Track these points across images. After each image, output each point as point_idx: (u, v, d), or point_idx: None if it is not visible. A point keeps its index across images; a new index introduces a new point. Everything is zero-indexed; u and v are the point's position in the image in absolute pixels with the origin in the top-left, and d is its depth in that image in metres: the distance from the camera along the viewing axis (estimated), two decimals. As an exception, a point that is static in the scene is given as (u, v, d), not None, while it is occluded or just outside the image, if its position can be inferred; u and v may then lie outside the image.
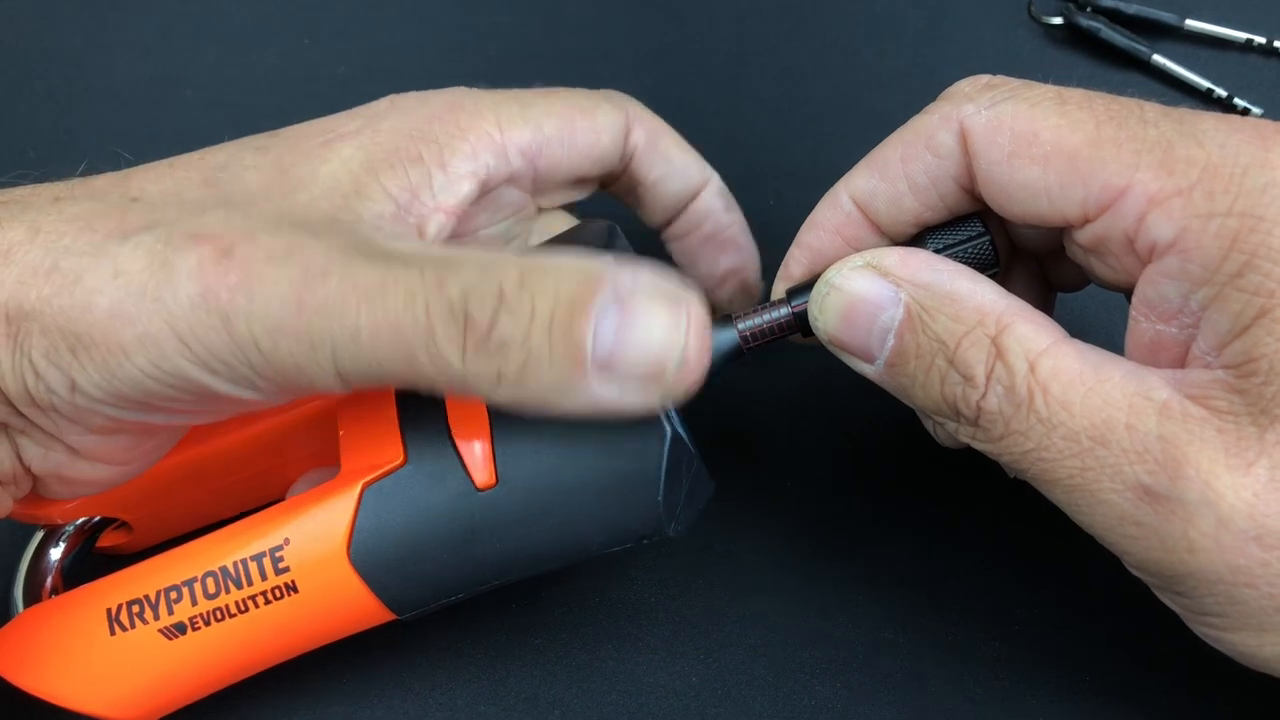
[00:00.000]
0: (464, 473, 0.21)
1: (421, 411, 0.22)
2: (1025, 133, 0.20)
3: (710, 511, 0.25)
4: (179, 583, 0.21)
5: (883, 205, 0.23)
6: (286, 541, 0.21)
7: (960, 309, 0.20)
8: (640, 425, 0.20)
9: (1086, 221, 0.20)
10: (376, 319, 0.18)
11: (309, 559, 0.21)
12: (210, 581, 0.21)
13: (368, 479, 0.21)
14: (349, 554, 0.21)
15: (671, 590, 0.26)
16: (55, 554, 0.24)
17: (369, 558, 0.21)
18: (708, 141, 0.33)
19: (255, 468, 0.25)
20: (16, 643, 0.22)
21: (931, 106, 0.22)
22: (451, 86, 0.34)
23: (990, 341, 0.19)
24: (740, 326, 0.23)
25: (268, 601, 0.21)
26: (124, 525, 0.25)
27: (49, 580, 0.24)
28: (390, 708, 0.25)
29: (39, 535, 0.24)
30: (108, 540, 0.26)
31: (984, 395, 0.19)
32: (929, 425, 0.23)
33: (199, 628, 0.21)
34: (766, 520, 0.27)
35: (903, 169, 0.22)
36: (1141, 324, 0.20)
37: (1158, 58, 0.35)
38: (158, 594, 0.21)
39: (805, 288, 0.23)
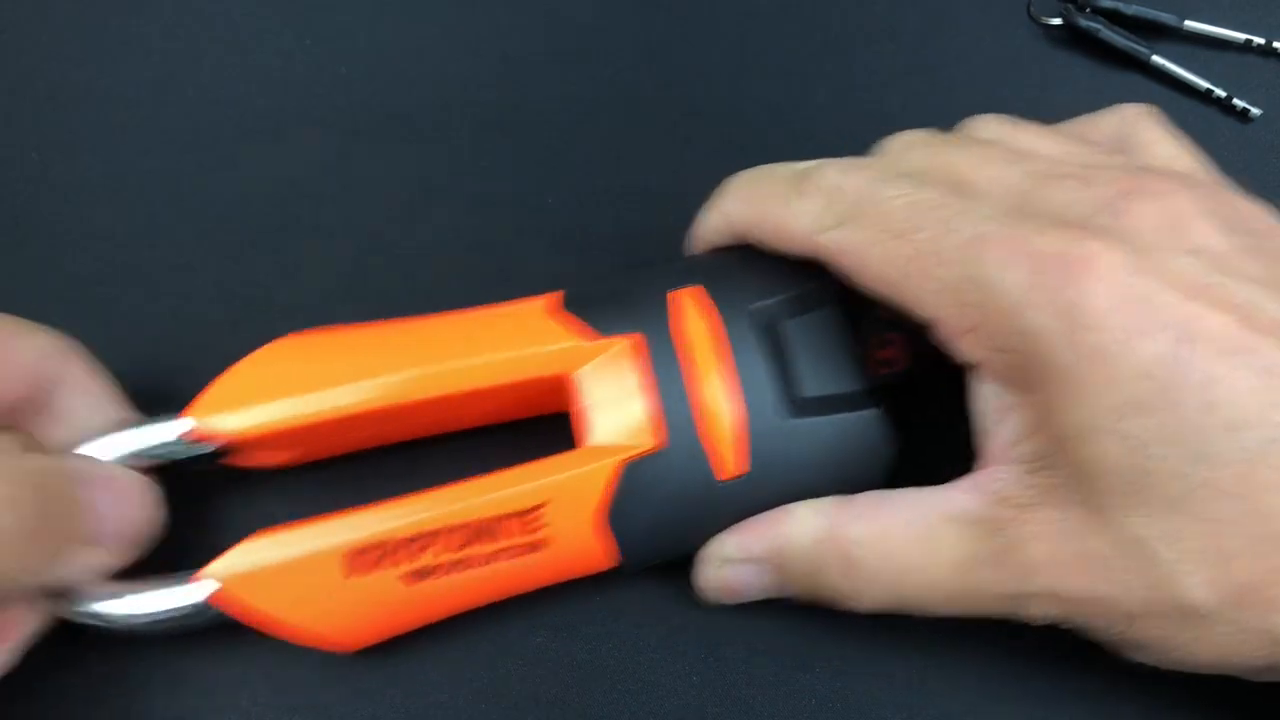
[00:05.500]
0: (715, 461, 0.23)
1: (677, 396, 0.24)
2: (857, 264, 0.22)
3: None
4: (425, 532, 0.23)
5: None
6: (544, 504, 0.23)
7: (803, 551, 0.23)
8: (872, 440, 0.24)
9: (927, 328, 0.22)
10: None
11: (565, 521, 0.23)
12: (460, 534, 0.23)
13: (626, 455, 0.23)
14: (602, 522, 0.23)
15: (672, 590, 0.26)
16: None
17: (618, 527, 0.23)
18: (707, 143, 0.33)
19: (452, 414, 0.26)
20: (244, 568, 0.23)
21: (787, 212, 0.24)
22: (451, 92, 0.34)
23: (839, 559, 0.23)
24: None
25: (514, 556, 0.23)
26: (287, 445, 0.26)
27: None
28: (391, 706, 0.25)
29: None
30: (258, 459, 0.26)
31: (866, 599, 0.23)
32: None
33: (440, 576, 0.23)
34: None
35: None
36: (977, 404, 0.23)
37: (1157, 58, 0.35)
38: (402, 541, 0.23)
39: None
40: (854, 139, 0.27)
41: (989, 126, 0.25)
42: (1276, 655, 0.20)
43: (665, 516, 0.23)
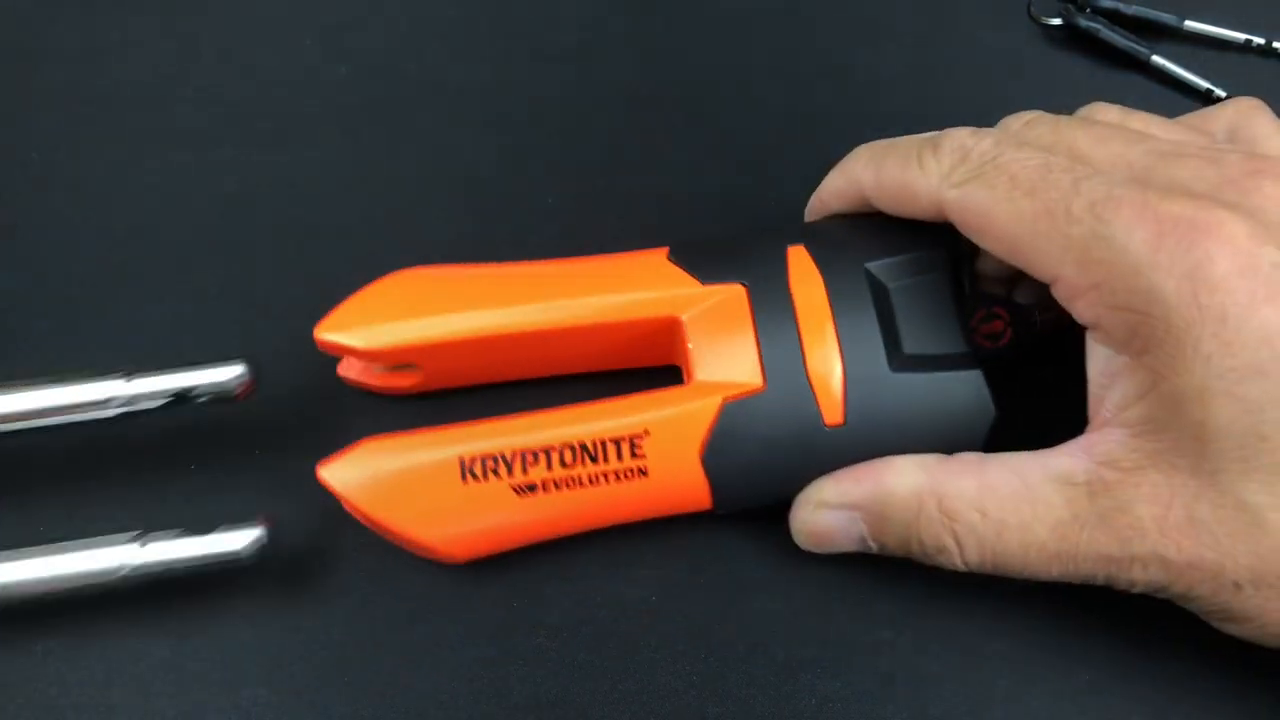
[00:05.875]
0: (815, 408, 0.24)
1: (781, 343, 0.24)
2: (983, 220, 0.23)
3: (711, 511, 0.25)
4: (536, 448, 0.24)
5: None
6: (647, 432, 0.24)
7: (902, 502, 0.23)
8: (971, 401, 0.24)
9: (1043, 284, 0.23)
10: None
11: (665, 452, 0.24)
12: (568, 452, 0.24)
13: (728, 395, 0.24)
14: (701, 457, 0.24)
15: (673, 589, 0.26)
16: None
17: (717, 464, 0.24)
18: (708, 144, 0.33)
19: (564, 352, 0.27)
20: (360, 468, 0.24)
21: (916, 171, 0.24)
22: (452, 91, 0.34)
23: (939, 513, 0.23)
24: None
25: (617, 480, 0.24)
26: (410, 367, 0.27)
27: None
28: (392, 705, 0.25)
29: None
30: (394, 381, 0.27)
31: (962, 555, 0.23)
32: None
33: (549, 491, 0.24)
34: (767, 519, 0.27)
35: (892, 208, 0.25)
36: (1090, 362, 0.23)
37: (1157, 58, 0.35)
38: (514, 454, 0.24)
39: None
40: (854, 139, 0.27)
41: (1107, 111, 0.25)
42: None
43: (761, 458, 0.24)
